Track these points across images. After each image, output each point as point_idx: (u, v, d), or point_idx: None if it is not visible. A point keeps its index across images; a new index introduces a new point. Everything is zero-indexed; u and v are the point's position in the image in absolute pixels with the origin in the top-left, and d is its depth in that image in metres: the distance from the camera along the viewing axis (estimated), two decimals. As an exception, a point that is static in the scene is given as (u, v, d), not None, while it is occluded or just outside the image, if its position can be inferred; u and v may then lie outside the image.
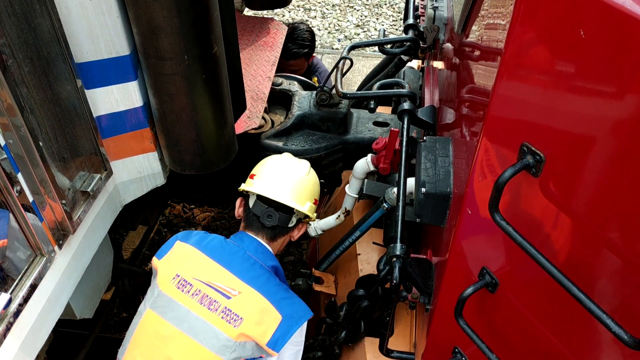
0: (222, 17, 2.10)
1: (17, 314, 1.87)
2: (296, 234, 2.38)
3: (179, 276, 2.10)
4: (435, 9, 2.69)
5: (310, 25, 4.22)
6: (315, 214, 2.40)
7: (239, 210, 2.35)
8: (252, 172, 2.37)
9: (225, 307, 2.02)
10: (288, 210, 2.24)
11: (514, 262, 1.43)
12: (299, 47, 4.05)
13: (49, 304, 2.04)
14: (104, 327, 3.97)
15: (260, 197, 2.24)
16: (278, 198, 2.21)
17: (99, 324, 3.34)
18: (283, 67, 4.09)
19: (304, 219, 2.37)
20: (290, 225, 2.29)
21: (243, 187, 2.32)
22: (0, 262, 1.84)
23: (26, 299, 1.90)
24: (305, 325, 2.15)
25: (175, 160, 2.36)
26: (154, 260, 2.23)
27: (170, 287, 2.09)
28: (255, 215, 2.24)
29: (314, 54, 4.26)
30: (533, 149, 1.21)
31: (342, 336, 2.79)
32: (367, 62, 6.88)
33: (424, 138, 2.03)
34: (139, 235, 4.63)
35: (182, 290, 2.07)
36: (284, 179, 2.28)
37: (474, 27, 1.82)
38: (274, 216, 2.21)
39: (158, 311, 2.07)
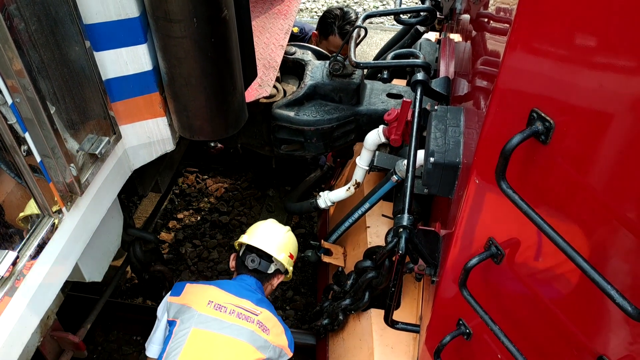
0: (233, -20, 2.07)
1: (24, 272, 1.89)
2: (275, 282, 2.83)
3: (212, 302, 2.55)
4: (453, -24, 2.63)
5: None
6: (291, 268, 2.86)
7: (232, 263, 2.89)
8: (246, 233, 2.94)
9: (258, 321, 2.54)
10: (268, 258, 2.75)
11: (521, 232, 1.40)
12: None
13: (57, 263, 2.06)
14: (115, 293, 4.04)
15: (248, 247, 2.79)
16: (258, 245, 2.76)
17: (110, 289, 3.38)
18: (335, 51, 4.08)
19: (283, 272, 2.84)
20: (270, 271, 2.77)
21: (236, 241, 2.90)
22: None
23: (33, 258, 1.92)
24: None
25: (184, 126, 2.34)
26: (173, 298, 2.63)
27: (209, 310, 2.52)
28: (243, 263, 2.77)
29: None
30: (543, 115, 1.17)
31: (345, 302, 2.81)
32: (385, 35, 6.77)
33: (436, 107, 2.00)
34: (151, 203, 4.67)
35: (221, 311, 2.52)
36: (265, 234, 2.85)
37: (489, -5, 1.77)
38: (256, 260, 2.74)
39: (203, 327, 2.46)
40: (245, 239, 2.82)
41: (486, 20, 1.74)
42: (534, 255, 1.41)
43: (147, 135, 2.39)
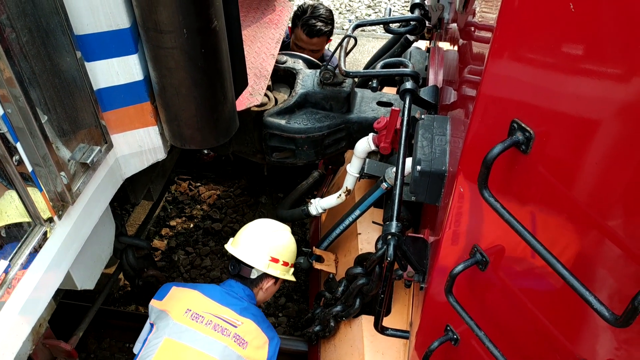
0: (223, -9, 2.09)
1: (15, 281, 1.90)
2: (265, 286, 2.72)
3: (190, 310, 2.48)
4: (440, -13, 2.67)
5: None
6: (277, 272, 2.70)
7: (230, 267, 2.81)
8: None
9: (236, 334, 2.44)
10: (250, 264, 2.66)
11: (504, 240, 1.43)
12: (323, 23, 4.02)
13: (49, 272, 2.07)
14: (107, 300, 4.04)
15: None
16: (233, 252, 2.70)
17: (102, 296, 3.38)
18: (304, 47, 4.07)
19: (274, 276, 2.71)
20: (253, 277, 2.67)
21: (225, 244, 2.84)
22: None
23: (25, 267, 1.93)
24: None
25: (175, 135, 2.36)
26: (155, 302, 2.60)
27: (185, 319, 2.45)
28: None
29: (331, 38, 4.24)
30: (523, 125, 1.20)
31: (337, 309, 2.83)
32: (376, 43, 6.82)
33: (423, 116, 2.03)
34: (144, 211, 4.67)
35: (197, 321, 2.45)
36: (245, 238, 2.74)
37: (473, 6, 1.80)
38: (235, 267, 2.69)
39: (175, 337, 2.40)
40: (228, 243, 2.79)
41: (471, 29, 1.77)
42: (518, 262, 1.43)
43: (138, 144, 2.41)
